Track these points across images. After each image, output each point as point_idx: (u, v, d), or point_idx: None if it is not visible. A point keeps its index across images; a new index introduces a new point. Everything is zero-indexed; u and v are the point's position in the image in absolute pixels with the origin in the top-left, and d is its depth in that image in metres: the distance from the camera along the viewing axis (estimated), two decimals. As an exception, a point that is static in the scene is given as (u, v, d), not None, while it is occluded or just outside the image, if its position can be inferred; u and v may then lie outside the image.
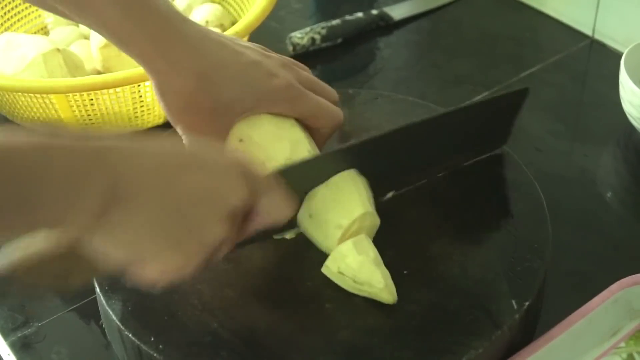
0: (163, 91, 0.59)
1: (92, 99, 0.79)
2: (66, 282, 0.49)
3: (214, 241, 0.48)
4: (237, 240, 0.52)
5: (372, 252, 0.57)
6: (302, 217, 0.59)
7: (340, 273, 0.57)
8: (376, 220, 0.60)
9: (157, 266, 0.47)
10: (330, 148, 0.63)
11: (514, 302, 0.56)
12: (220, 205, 0.47)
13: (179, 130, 0.60)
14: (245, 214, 0.51)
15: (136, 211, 0.44)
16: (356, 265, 0.56)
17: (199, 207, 0.47)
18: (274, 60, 0.62)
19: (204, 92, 0.59)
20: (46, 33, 0.98)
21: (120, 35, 0.59)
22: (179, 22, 0.59)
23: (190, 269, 0.48)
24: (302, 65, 0.65)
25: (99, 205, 0.43)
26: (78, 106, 0.80)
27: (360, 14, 1.01)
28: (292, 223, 0.59)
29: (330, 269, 0.57)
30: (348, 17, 1.00)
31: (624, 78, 0.79)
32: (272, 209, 0.52)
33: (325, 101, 0.62)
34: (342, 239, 0.58)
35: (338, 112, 0.63)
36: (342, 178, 0.59)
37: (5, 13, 0.95)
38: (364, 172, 0.60)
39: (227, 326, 0.56)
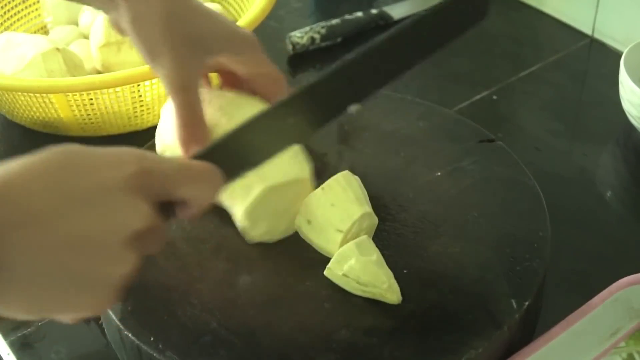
0: (137, 22, 0.58)
1: (91, 99, 0.79)
2: None
3: (123, 272, 0.43)
4: (170, 225, 0.48)
5: (375, 253, 0.57)
6: (301, 223, 0.59)
7: (344, 275, 0.57)
8: (374, 220, 0.61)
9: (71, 314, 0.44)
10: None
11: (513, 301, 0.56)
12: (115, 239, 0.42)
13: (156, 66, 0.59)
14: (171, 205, 0.47)
15: (24, 276, 0.40)
16: (359, 266, 0.56)
17: (92, 251, 0.42)
18: None
19: (179, 18, 0.58)
20: (46, 32, 0.98)
21: None
22: None
23: (110, 301, 0.44)
24: None
25: None
26: (77, 106, 0.80)
27: (359, 13, 1.01)
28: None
29: (333, 271, 0.57)
30: (347, 17, 1.00)
31: (623, 77, 0.79)
32: (196, 196, 0.47)
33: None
34: (343, 243, 0.58)
35: (284, 77, 0.63)
36: (336, 181, 0.59)
37: (4, 13, 0.95)
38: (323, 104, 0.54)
39: (227, 326, 0.56)
